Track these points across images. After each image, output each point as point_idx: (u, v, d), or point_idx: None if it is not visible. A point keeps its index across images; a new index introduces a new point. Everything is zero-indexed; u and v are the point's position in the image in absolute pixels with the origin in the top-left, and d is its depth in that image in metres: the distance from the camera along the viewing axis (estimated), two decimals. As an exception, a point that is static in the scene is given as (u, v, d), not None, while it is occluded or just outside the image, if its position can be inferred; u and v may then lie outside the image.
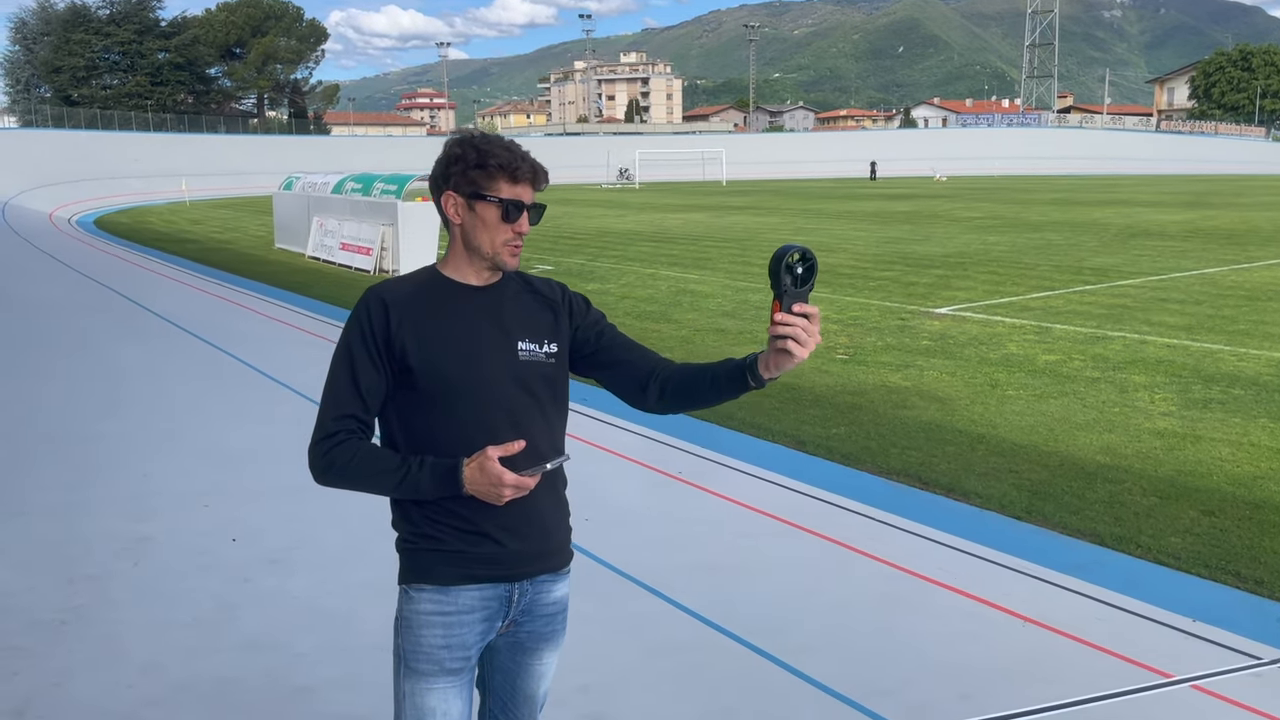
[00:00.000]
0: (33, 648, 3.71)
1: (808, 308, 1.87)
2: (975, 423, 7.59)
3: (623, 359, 2.18)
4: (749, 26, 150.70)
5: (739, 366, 2.00)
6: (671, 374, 2.14)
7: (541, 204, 2.11)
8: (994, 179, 65.87)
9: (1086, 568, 4.75)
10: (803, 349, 1.87)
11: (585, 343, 2.17)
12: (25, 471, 6.11)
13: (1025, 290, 14.58)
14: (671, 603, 4.21)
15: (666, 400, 2.13)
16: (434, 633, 2.06)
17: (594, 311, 2.22)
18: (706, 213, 35.35)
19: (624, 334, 2.24)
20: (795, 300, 1.86)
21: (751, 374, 1.97)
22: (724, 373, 2.04)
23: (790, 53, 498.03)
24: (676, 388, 2.12)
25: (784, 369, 1.92)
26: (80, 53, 76.01)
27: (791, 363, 1.89)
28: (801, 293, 1.87)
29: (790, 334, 1.86)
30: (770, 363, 1.93)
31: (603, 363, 2.18)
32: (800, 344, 1.86)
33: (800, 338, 1.86)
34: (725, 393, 2.05)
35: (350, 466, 2.00)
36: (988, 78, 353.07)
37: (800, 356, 1.87)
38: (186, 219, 36.43)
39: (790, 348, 1.86)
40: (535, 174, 2.06)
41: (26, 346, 10.59)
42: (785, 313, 1.86)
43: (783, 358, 1.89)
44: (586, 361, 2.18)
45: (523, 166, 2.03)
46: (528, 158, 2.06)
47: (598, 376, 2.21)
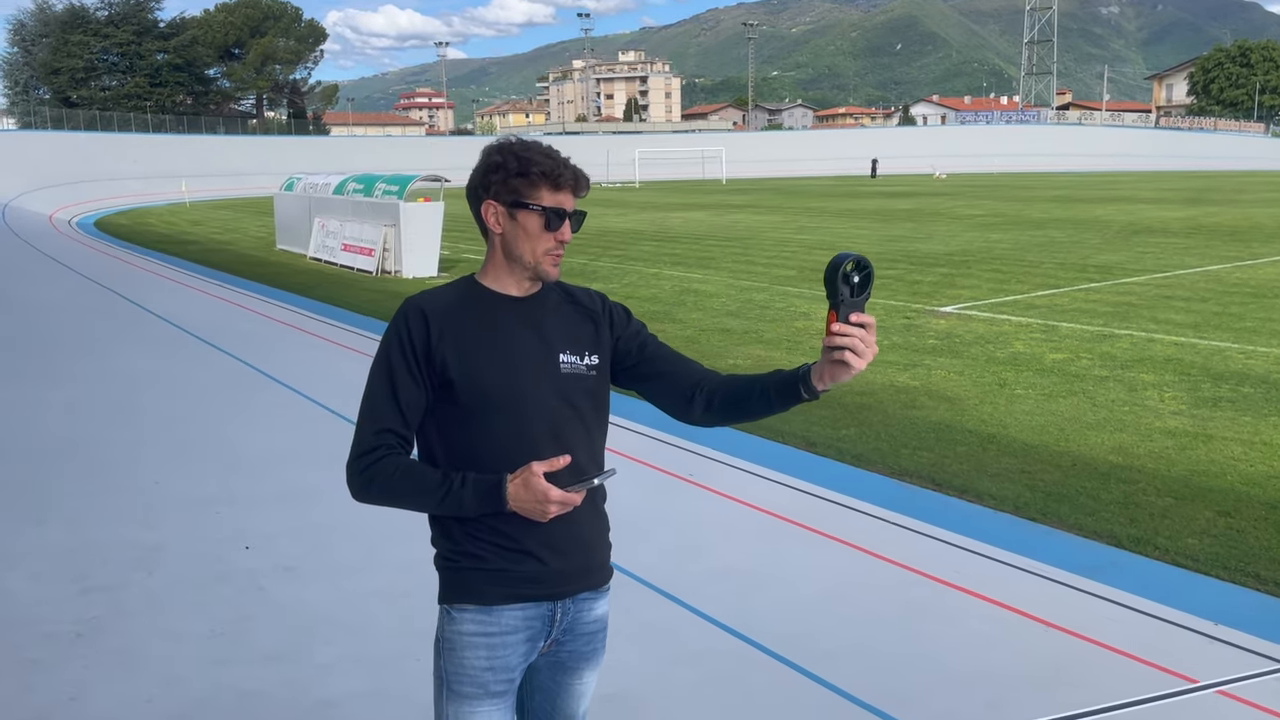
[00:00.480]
0: (48, 660, 3.67)
1: (865, 317, 1.83)
2: (985, 422, 7.56)
3: (666, 370, 2.12)
4: (747, 25, 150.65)
5: (791, 378, 1.95)
6: (718, 386, 2.08)
7: (583, 211, 2.06)
8: (994, 176, 65.84)
9: (1104, 570, 4.72)
10: (860, 360, 1.82)
11: (627, 354, 2.12)
12: (36, 479, 6.07)
13: (1030, 288, 14.55)
14: (692, 610, 4.18)
15: (713, 413, 2.07)
16: (477, 654, 2.01)
17: (635, 322, 2.17)
18: (708, 211, 35.31)
19: (666, 344, 2.18)
20: (852, 310, 1.82)
21: (805, 385, 1.92)
22: (774, 384, 1.98)
23: (788, 50, 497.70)
24: (724, 400, 2.06)
25: (840, 380, 1.87)
26: (79, 54, 75.89)
27: (849, 374, 1.85)
28: (858, 302, 1.83)
29: (849, 345, 1.81)
30: (825, 374, 1.88)
31: (645, 374, 2.13)
32: (858, 354, 1.82)
33: (858, 348, 1.82)
34: (776, 405, 2.00)
35: (391, 483, 1.95)
36: (986, 75, 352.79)
37: (858, 367, 1.83)
38: (187, 220, 36.38)
39: (848, 359, 1.82)
40: (577, 181, 2.02)
41: (31, 350, 10.56)
42: (843, 323, 1.82)
43: (839, 369, 1.85)
44: (629, 374, 2.13)
45: (565, 174, 1.99)
46: (569, 164, 2.02)
47: (640, 389, 2.15)
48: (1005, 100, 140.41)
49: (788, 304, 13.60)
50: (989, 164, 75.93)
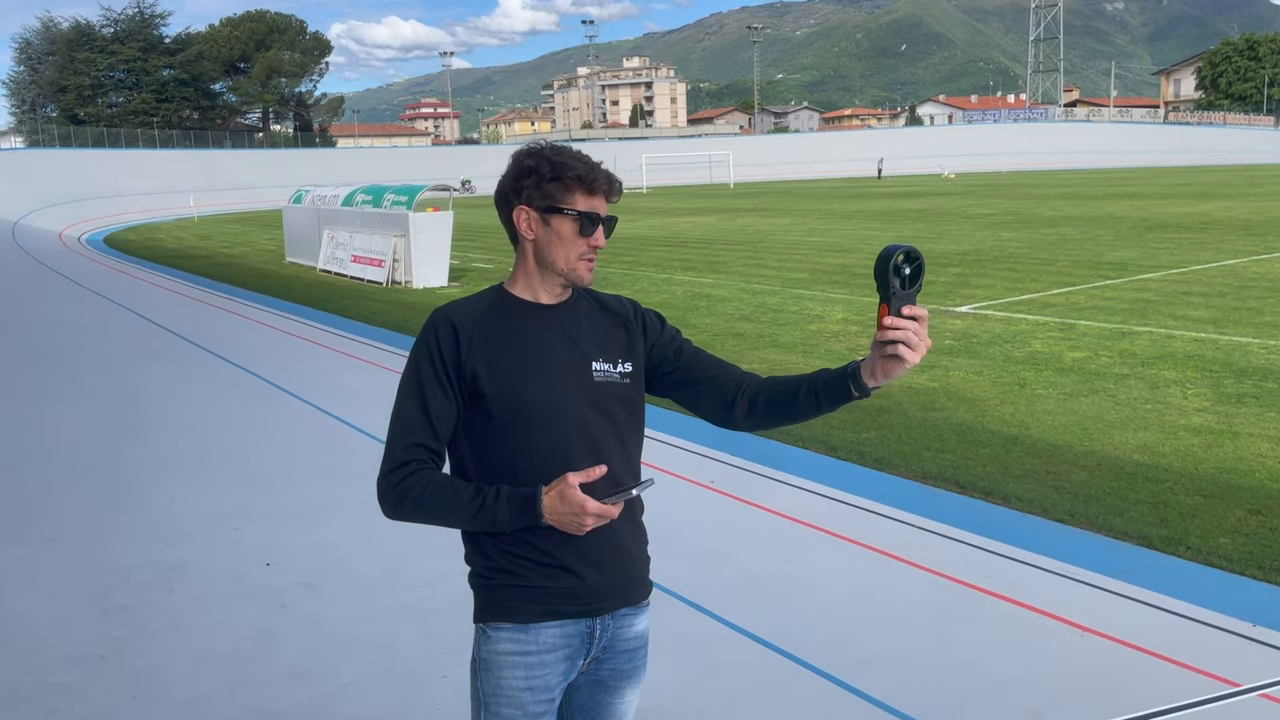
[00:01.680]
0: (72, 684, 3.61)
1: (917, 310, 1.79)
2: (1007, 423, 7.48)
3: (704, 376, 2.06)
4: (752, 28, 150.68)
5: (840, 376, 1.89)
6: (761, 388, 2.02)
7: (614, 216, 2.01)
8: (1003, 175, 65.63)
9: (1137, 572, 4.64)
10: (914, 353, 1.78)
11: (664, 361, 2.07)
12: (51, 497, 6.03)
13: (1045, 286, 14.45)
14: (720, 620, 4.11)
15: (757, 416, 2.02)
16: (515, 674, 1.95)
17: (669, 328, 2.12)
18: (716, 215, 35.26)
19: (703, 350, 2.13)
20: (904, 303, 1.78)
21: (855, 383, 1.87)
22: (822, 383, 1.92)
23: (793, 53, 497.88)
24: (768, 402, 2.00)
25: (893, 376, 1.82)
26: (85, 71, 76.29)
27: (903, 368, 1.80)
28: (910, 294, 1.78)
29: (902, 338, 1.77)
30: (877, 369, 1.83)
31: (683, 381, 2.07)
32: (912, 348, 1.77)
33: (912, 341, 1.77)
34: (825, 405, 1.94)
35: (424, 499, 1.89)
36: (992, 73, 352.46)
37: (912, 361, 1.78)
38: (195, 235, 36.50)
39: (902, 352, 1.77)
40: (610, 185, 1.98)
41: (44, 368, 10.55)
42: (895, 316, 1.77)
43: (892, 364, 1.80)
44: (665, 381, 2.08)
45: (599, 178, 1.95)
46: (603, 169, 1.97)
47: (678, 396, 2.10)
48: (1012, 98, 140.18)
49: (801, 307, 13.53)
50: (998, 163, 75.73)
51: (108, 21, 78.84)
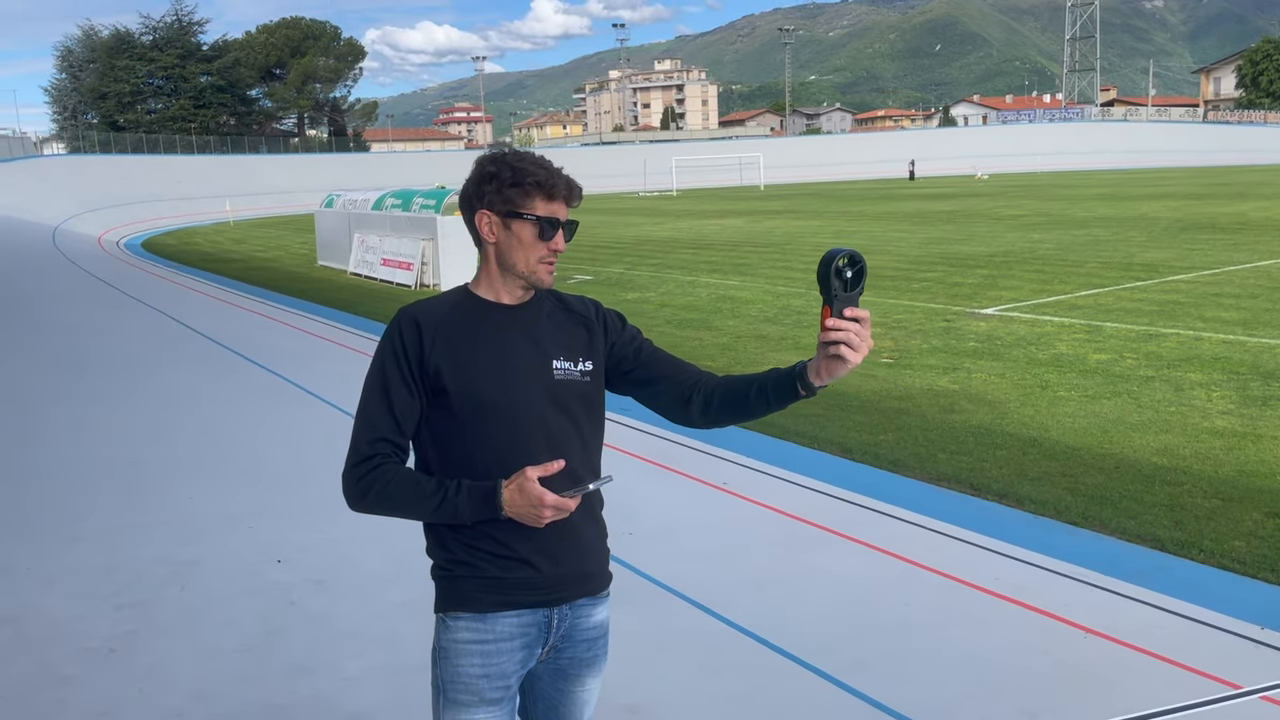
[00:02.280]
0: (81, 676, 3.71)
1: (859, 312, 1.83)
2: (1026, 426, 7.44)
3: (663, 375, 2.13)
4: (783, 30, 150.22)
5: (788, 375, 1.95)
6: (715, 386, 2.09)
7: (575, 220, 2.08)
8: (1037, 175, 65.00)
9: (1148, 574, 4.61)
10: (855, 354, 1.83)
11: (624, 360, 2.13)
12: (75, 497, 6.16)
13: (1073, 288, 14.31)
14: (719, 618, 4.14)
15: (711, 414, 2.08)
16: (472, 662, 2.02)
17: (630, 328, 2.18)
18: (745, 218, 35.22)
19: (662, 349, 2.20)
20: (846, 305, 1.82)
21: (802, 382, 1.93)
22: (771, 382, 1.99)
23: (826, 55, 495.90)
24: (722, 400, 2.07)
25: (836, 375, 1.88)
26: (125, 79, 77.46)
27: (844, 369, 1.85)
28: (851, 297, 1.83)
29: (843, 339, 1.82)
30: (821, 369, 1.89)
31: (642, 379, 2.14)
32: (853, 349, 1.83)
33: (853, 342, 1.82)
34: (774, 403, 2.01)
35: (386, 492, 1.97)
36: (1028, 73, 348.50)
37: (853, 362, 1.84)
38: (230, 239, 36.99)
39: (843, 353, 1.83)
40: (570, 190, 2.04)
41: (75, 371, 10.75)
42: (836, 318, 1.82)
43: (835, 364, 1.86)
44: (625, 379, 2.14)
45: (559, 184, 2.01)
46: (562, 174, 2.03)
47: (637, 394, 2.16)
48: (1048, 98, 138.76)
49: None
50: (1032, 163, 74.99)
51: (147, 29, 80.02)
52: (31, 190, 45.33)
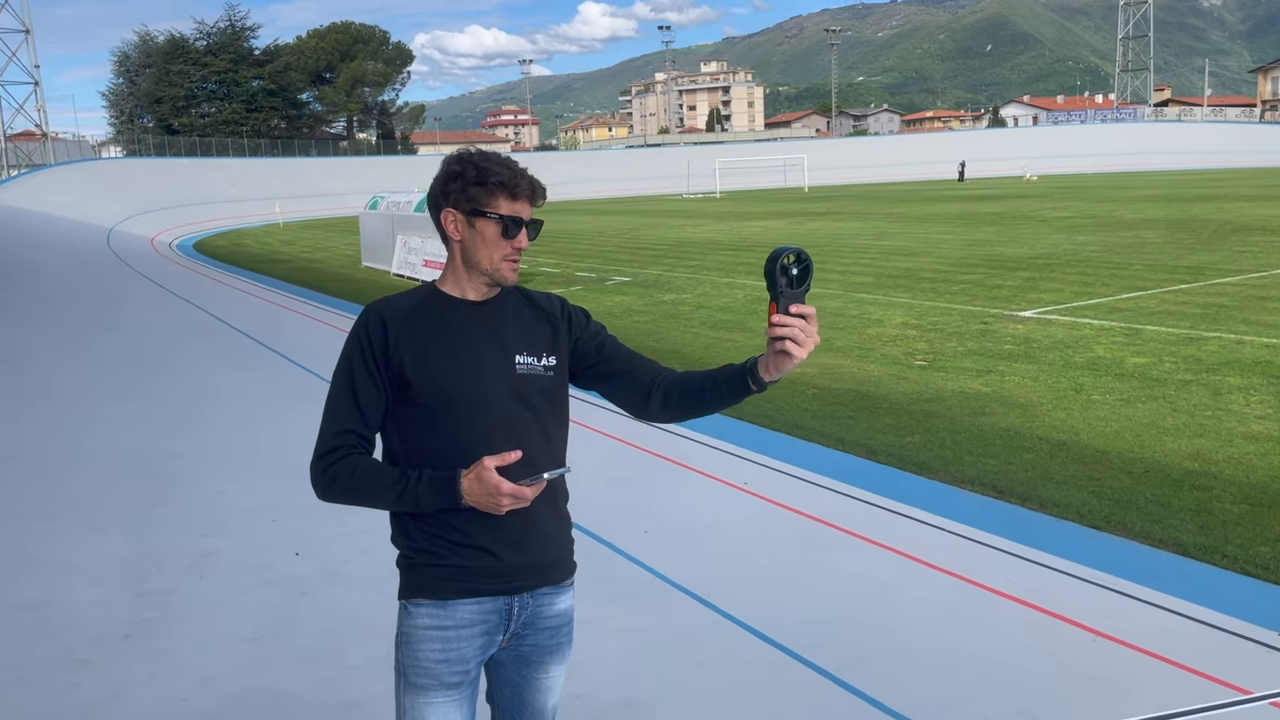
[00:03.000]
0: (96, 660, 3.82)
1: (805, 308, 1.87)
2: (1057, 429, 7.35)
3: (623, 369, 2.18)
4: (829, 30, 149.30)
5: (740, 371, 2.00)
6: (674, 382, 2.13)
7: (539, 220, 2.13)
8: (1087, 177, 63.98)
9: (1166, 579, 4.54)
10: (801, 349, 1.87)
11: (586, 355, 2.18)
12: (105, 489, 6.32)
13: (1116, 291, 14.09)
14: (725, 615, 4.15)
15: (670, 408, 2.13)
16: (432, 647, 2.06)
17: (594, 324, 2.23)
18: (786, 220, 35.09)
19: (625, 345, 2.24)
20: (792, 301, 1.87)
21: (752, 377, 1.97)
22: (725, 378, 2.04)
23: (874, 55, 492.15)
24: (680, 395, 2.11)
25: (784, 370, 1.92)
26: (180, 83, 79.06)
27: (790, 363, 1.89)
28: (797, 294, 1.87)
29: (788, 334, 1.86)
30: (770, 365, 1.93)
31: (604, 374, 2.19)
32: (799, 344, 1.87)
33: (798, 338, 1.86)
34: (727, 398, 2.05)
35: (351, 482, 2.03)
36: (1080, 73, 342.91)
37: (799, 357, 1.87)
38: (279, 240, 37.59)
39: (789, 348, 1.87)
40: (534, 190, 2.09)
41: (117, 367, 11.01)
42: (782, 314, 1.86)
43: (782, 359, 1.90)
44: (588, 374, 2.19)
45: (521, 183, 2.06)
46: (526, 174, 2.08)
47: (600, 388, 2.21)
48: (1100, 98, 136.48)
49: (861, 311, 13.42)
50: (1083, 164, 73.82)
51: (201, 34, 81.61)
52: (88, 192, 46.43)
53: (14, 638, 4.04)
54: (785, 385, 9.22)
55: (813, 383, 9.30)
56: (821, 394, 8.86)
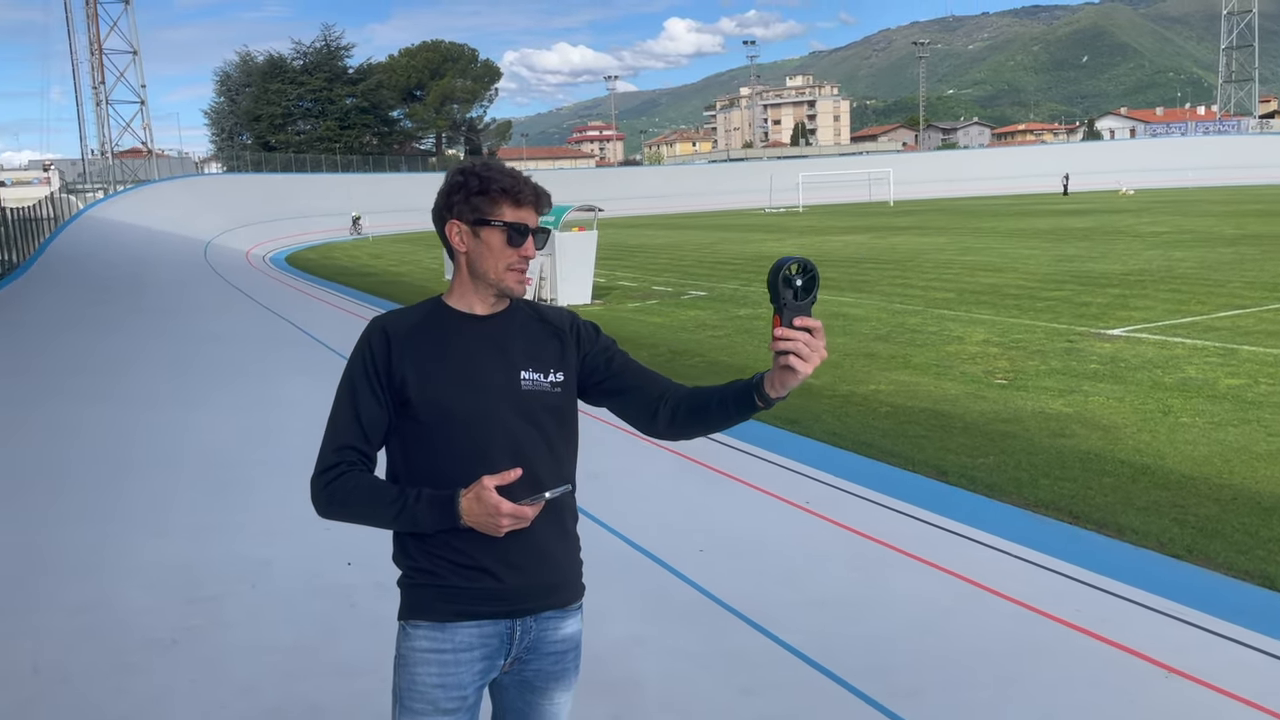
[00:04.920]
0: (143, 665, 3.87)
1: (810, 321, 1.79)
2: (1141, 452, 7.03)
3: (632, 385, 2.11)
4: (917, 43, 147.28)
5: (746, 387, 1.93)
6: (682, 398, 2.06)
7: (545, 228, 2.08)
8: (1188, 191, 61.76)
9: (1250, 614, 4.27)
10: (806, 364, 1.79)
11: (595, 370, 2.12)
12: (175, 494, 6.46)
13: (1211, 309, 13.50)
14: (776, 640, 4.02)
15: (677, 425, 2.06)
16: (429, 670, 2.01)
17: (604, 338, 2.16)
18: (869, 234, 34.60)
19: (636, 361, 2.17)
20: (796, 314, 1.78)
21: (758, 394, 1.89)
22: (732, 394, 1.96)
23: (965, 68, 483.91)
24: (687, 412, 2.04)
25: (789, 386, 1.84)
26: (277, 101, 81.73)
27: (795, 379, 1.82)
28: (802, 306, 1.79)
29: (792, 349, 1.78)
30: (775, 381, 1.85)
31: (612, 390, 2.12)
32: (803, 359, 1.79)
33: (802, 352, 1.78)
34: (734, 414, 1.97)
35: (350, 499, 2.00)
36: (1182, 84, 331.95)
37: (803, 372, 1.79)
38: (368, 254, 38.45)
39: (793, 363, 1.79)
40: (538, 198, 2.05)
41: (203, 376, 11.32)
42: (786, 327, 1.78)
43: (786, 374, 1.82)
44: (597, 389, 2.13)
45: (525, 190, 2.02)
46: (529, 182, 2.04)
47: (608, 404, 2.15)
48: (1202, 110, 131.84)
49: (941, 327, 13.11)
50: (1183, 178, 71.33)
51: (298, 54, 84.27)
52: (189, 207, 48.21)
53: (65, 640, 4.12)
54: (858, 403, 9.02)
55: (887, 400, 9.08)
56: (895, 412, 8.64)
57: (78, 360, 12.82)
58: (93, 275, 26.06)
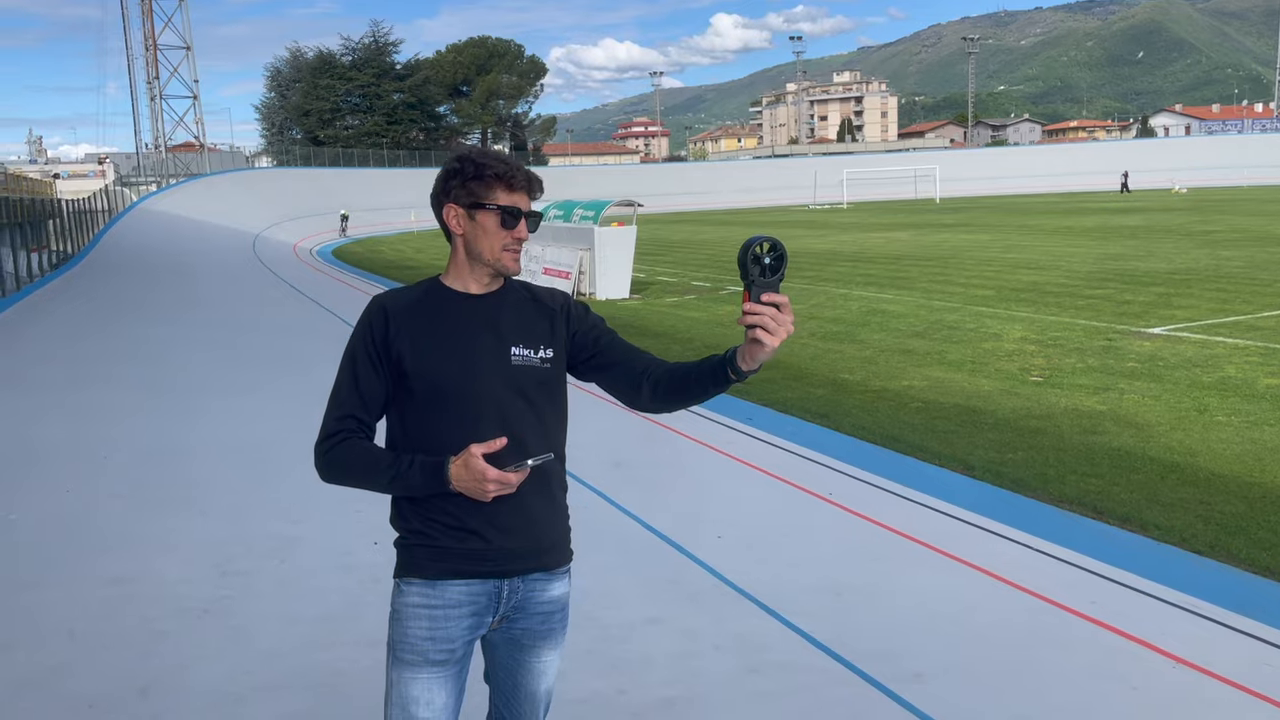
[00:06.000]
0: (173, 632, 4.04)
1: (777, 297, 1.90)
2: (1172, 450, 6.99)
3: (618, 361, 2.22)
4: (967, 39, 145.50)
5: (721, 361, 2.03)
6: (664, 373, 2.17)
7: (538, 212, 2.19)
8: (1242, 190, 60.51)
9: (1269, 610, 4.27)
10: (773, 337, 1.89)
11: (583, 348, 2.23)
12: (218, 475, 6.68)
13: (1256, 309, 13.30)
14: (785, 622, 4.09)
15: (659, 398, 2.16)
16: (420, 625, 2.13)
17: (593, 317, 2.28)
18: (912, 231, 34.36)
19: (622, 339, 2.28)
20: (764, 290, 1.89)
21: (731, 367, 2.00)
22: (708, 369, 2.06)
23: (1017, 64, 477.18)
24: (668, 385, 2.15)
25: (759, 359, 1.95)
26: (326, 97, 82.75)
27: (764, 352, 1.92)
28: (770, 282, 1.89)
29: (759, 323, 1.89)
30: (746, 354, 1.96)
31: (600, 365, 2.23)
32: (770, 332, 1.89)
33: (769, 326, 1.89)
34: (710, 388, 2.08)
35: (348, 465, 2.13)
36: (1240, 81, 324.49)
37: (771, 345, 1.90)
38: (412, 247, 38.89)
39: (760, 336, 1.89)
40: (530, 183, 2.16)
41: (246, 364, 11.59)
42: (754, 302, 1.88)
43: (755, 348, 1.93)
44: (585, 365, 2.24)
45: (518, 175, 2.13)
46: (522, 168, 2.15)
47: (596, 379, 2.26)
48: (1260, 108, 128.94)
49: (979, 324, 13.04)
50: (1238, 176, 69.89)
51: (347, 50, 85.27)
52: (239, 200, 49.07)
53: (101, 609, 4.30)
54: (890, 398, 9.02)
55: (919, 396, 9.08)
56: (926, 407, 8.64)
57: (128, 348, 13.18)
58: (145, 266, 26.68)
